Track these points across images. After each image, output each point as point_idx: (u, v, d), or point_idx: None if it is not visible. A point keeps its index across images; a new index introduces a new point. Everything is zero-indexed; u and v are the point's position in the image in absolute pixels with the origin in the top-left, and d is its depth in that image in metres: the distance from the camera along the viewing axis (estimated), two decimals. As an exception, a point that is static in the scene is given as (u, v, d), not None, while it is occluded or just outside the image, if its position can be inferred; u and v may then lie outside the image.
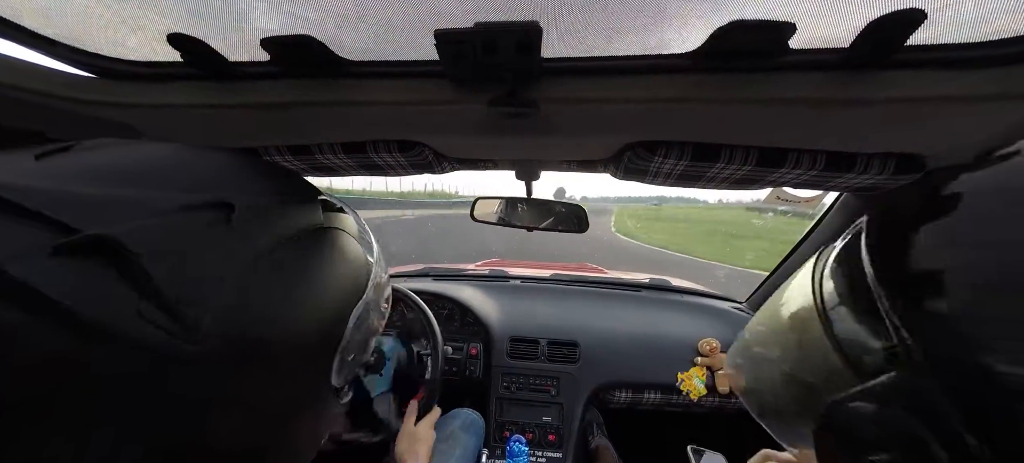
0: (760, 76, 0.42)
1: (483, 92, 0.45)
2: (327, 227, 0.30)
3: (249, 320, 0.22)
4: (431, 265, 1.79)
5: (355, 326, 0.31)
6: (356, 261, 0.33)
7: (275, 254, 0.25)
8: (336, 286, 0.30)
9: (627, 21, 0.39)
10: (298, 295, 0.26)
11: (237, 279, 0.22)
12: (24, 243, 0.17)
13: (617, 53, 0.43)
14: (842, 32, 0.37)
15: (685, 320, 1.31)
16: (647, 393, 1.17)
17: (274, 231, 0.25)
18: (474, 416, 1.05)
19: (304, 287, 0.26)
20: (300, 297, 0.26)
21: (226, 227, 0.22)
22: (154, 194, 0.21)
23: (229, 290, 0.21)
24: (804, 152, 0.52)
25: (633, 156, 0.58)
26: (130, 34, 0.45)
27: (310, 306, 0.27)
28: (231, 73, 0.49)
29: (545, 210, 1.12)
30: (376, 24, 0.41)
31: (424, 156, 0.63)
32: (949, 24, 0.36)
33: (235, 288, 0.22)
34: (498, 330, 1.26)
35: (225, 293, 0.21)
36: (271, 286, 0.24)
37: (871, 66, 0.39)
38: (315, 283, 0.27)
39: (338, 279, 0.30)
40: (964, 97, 0.38)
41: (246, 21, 0.41)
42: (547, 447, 1.09)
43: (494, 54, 0.39)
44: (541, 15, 0.36)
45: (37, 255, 0.17)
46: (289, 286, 0.25)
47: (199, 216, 0.22)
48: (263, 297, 0.23)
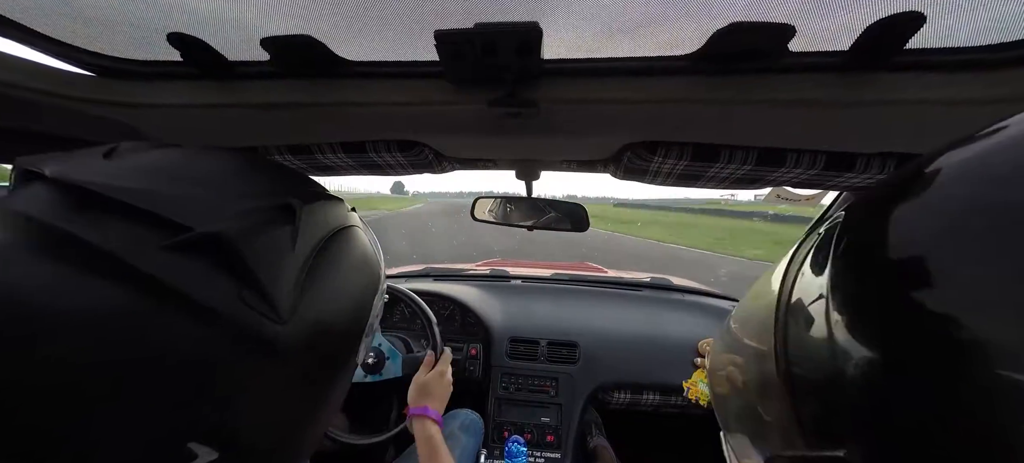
0: (760, 78, 0.42)
1: (483, 92, 0.45)
2: (352, 224, 0.34)
3: (316, 304, 0.26)
4: (431, 265, 1.79)
5: (375, 312, 0.35)
6: (373, 253, 0.37)
7: (325, 248, 0.28)
8: (364, 275, 0.33)
9: (627, 22, 0.39)
10: (342, 283, 0.30)
11: (303, 270, 0.25)
12: (135, 236, 0.20)
13: (617, 54, 0.43)
14: (841, 35, 0.37)
15: (686, 320, 1.32)
16: (646, 394, 1.17)
17: (323, 228, 0.29)
18: (473, 416, 1.05)
19: (345, 276, 0.30)
20: (343, 284, 0.30)
21: (292, 225, 0.26)
22: (228, 197, 0.24)
23: (300, 280, 0.25)
24: (804, 153, 0.53)
25: (633, 156, 0.58)
26: (130, 33, 0.46)
27: (350, 293, 0.31)
28: (231, 73, 0.49)
29: (545, 209, 1.12)
30: (376, 24, 0.41)
31: (424, 156, 0.64)
32: (948, 27, 0.36)
33: (304, 278, 0.25)
34: (498, 330, 1.26)
35: (297, 282, 0.24)
36: (326, 275, 0.28)
37: (870, 69, 0.39)
38: (352, 273, 0.31)
39: (365, 268, 0.34)
40: (963, 100, 0.38)
41: (246, 21, 0.41)
42: (545, 447, 1.10)
43: (494, 55, 0.39)
44: (541, 16, 0.37)
45: (151, 248, 0.19)
46: (336, 275, 0.29)
47: (272, 216, 0.25)
48: (321, 285, 0.27)
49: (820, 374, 0.19)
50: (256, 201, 0.25)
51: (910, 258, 0.16)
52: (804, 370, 0.21)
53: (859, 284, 0.18)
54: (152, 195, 0.21)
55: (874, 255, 0.18)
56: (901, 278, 0.16)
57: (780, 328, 0.23)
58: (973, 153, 0.16)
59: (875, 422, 0.16)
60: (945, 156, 0.17)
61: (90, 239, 0.18)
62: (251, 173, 0.27)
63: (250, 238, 0.23)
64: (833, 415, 0.18)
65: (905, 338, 0.15)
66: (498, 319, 1.30)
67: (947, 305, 0.14)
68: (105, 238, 0.19)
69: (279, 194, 0.26)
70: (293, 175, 0.31)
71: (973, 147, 0.17)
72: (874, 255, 0.18)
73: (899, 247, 0.17)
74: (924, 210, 0.17)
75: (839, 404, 0.18)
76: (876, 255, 0.18)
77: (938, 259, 0.15)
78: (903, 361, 0.15)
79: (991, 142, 0.16)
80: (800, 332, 0.21)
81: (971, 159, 0.16)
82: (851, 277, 0.19)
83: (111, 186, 0.20)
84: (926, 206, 0.17)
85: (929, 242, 0.15)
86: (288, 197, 0.26)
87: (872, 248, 0.18)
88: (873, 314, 0.17)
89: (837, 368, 0.18)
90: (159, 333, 0.19)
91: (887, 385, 0.15)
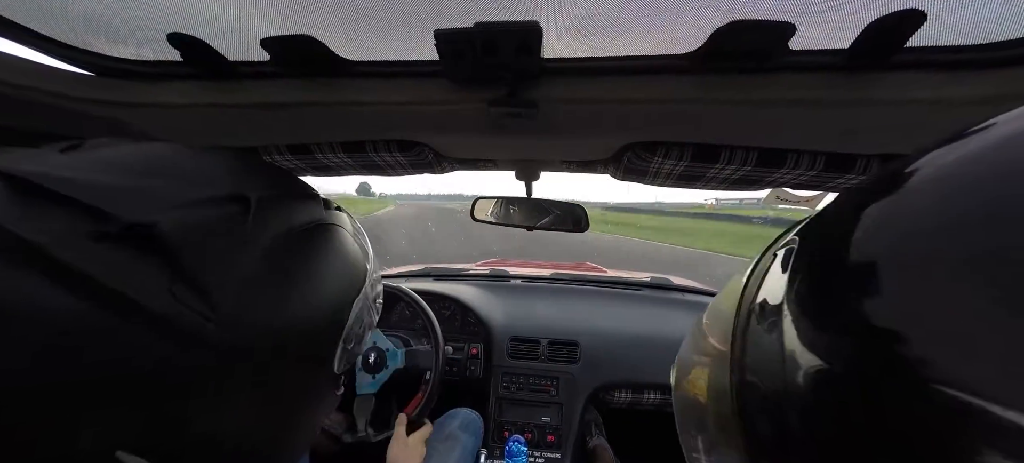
0: (760, 77, 0.42)
1: (483, 92, 0.45)
2: (329, 223, 0.32)
3: (265, 304, 0.24)
4: (432, 265, 1.79)
5: (356, 318, 0.33)
6: (355, 255, 0.35)
7: (286, 245, 0.26)
8: (340, 277, 0.31)
9: (627, 21, 0.39)
10: (306, 284, 0.27)
11: (254, 266, 0.24)
12: (66, 227, 0.19)
13: (617, 53, 0.43)
14: (842, 33, 0.37)
15: (686, 319, 1.31)
16: (647, 393, 1.17)
17: (284, 223, 0.27)
18: (473, 416, 1.05)
19: (312, 276, 0.28)
20: (308, 286, 0.27)
21: (243, 218, 0.24)
22: (177, 187, 0.23)
23: (248, 276, 0.23)
24: (804, 153, 0.53)
25: (633, 156, 0.58)
26: (130, 33, 0.46)
27: (317, 295, 0.28)
28: (231, 73, 0.49)
29: (545, 210, 1.12)
30: (376, 24, 0.41)
31: (424, 156, 0.64)
32: (949, 26, 0.36)
33: (253, 275, 0.23)
34: (498, 330, 1.26)
35: (244, 279, 0.23)
36: (283, 274, 0.26)
37: (871, 67, 0.39)
38: (321, 273, 0.29)
39: (341, 271, 0.32)
40: (964, 99, 0.38)
41: (246, 20, 0.41)
42: (546, 447, 1.10)
43: (494, 54, 0.39)
44: (541, 15, 0.36)
45: (78, 238, 0.18)
46: (299, 275, 0.27)
47: (220, 209, 0.23)
48: (276, 284, 0.25)
49: (770, 385, 0.18)
50: (205, 192, 0.23)
51: (860, 266, 0.15)
52: (756, 378, 0.19)
53: (812, 291, 0.17)
54: (91, 186, 0.20)
55: (828, 261, 0.17)
56: (850, 287, 0.15)
57: (739, 333, 0.22)
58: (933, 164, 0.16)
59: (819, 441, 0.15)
60: (914, 162, 0.16)
61: (17, 230, 0.18)
62: (212, 165, 0.26)
63: (189, 230, 0.21)
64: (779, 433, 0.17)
65: (850, 351, 0.14)
66: (499, 319, 1.30)
67: (893, 319, 0.13)
68: (33, 228, 0.18)
69: (235, 186, 0.25)
70: (265, 170, 0.30)
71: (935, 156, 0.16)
72: (828, 261, 0.17)
73: (852, 254, 0.16)
74: (878, 220, 0.16)
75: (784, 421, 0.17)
76: (829, 261, 0.17)
77: (888, 271, 0.14)
78: (846, 374, 0.14)
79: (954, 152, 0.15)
80: (756, 338, 0.20)
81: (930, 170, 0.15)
82: (806, 283, 0.18)
83: (50, 177, 0.19)
84: (880, 217, 0.16)
85: (881, 253, 0.15)
86: (243, 189, 0.25)
87: (827, 254, 0.18)
88: (822, 323, 0.16)
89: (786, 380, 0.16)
90: (80, 328, 0.18)
91: (829, 399, 0.14)
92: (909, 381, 0.12)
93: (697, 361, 0.28)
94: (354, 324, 0.33)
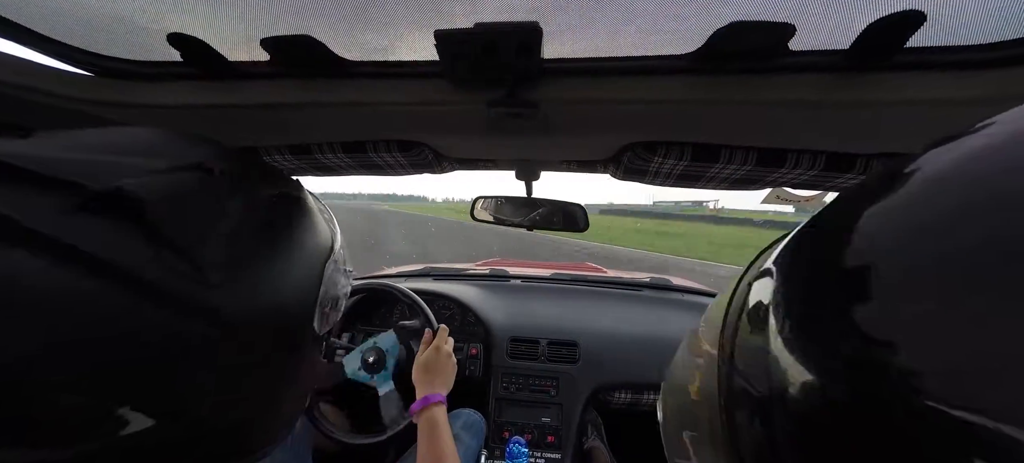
0: (760, 77, 0.42)
1: (483, 92, 0.45)
2: (295, 193, 0.34)
3: (249, 265, 0.25)
4: (431, 265, 1.79)
5: (330, 279, 0.35)
6: (322, 223, 0.37)
7: (260, 209, 0.28)
8: (312, 241, 0.33)
9: (627, 22, 0.39)
10: (283, 246, 0.29)
11: (233, 228, 0.25)
12: (45, 202, 0.19)
13: (617, 54, 0.43)
14: (842, 34, 0.37)
15: (686, 319, 1.31)
16: (647, 394, 1.17)
17: (255, 190, 0.28)
18: (475, 416, 1.05)
19: (286, 240, 0.30)
20: (284, 247, 0.29)
21: (215, 182, 0.25)
22: (144, 160, 0.23)
23: (229, 238, 0.24)
24: (804, 153, 0.53)
25: (633, 156, 0.58)
26: (129, 34, 0.45)
27: (293, 256, 0.30)
28: (231, 73, 0.49)
29: (545, 209, 1.12)
30: (376, 24, 0.41)
31: (424, 156, 0.64)
32: (949, 26, 0.36)
33: (233, 236, 0.24)
34: (498, 330, 1.26)
35: (226, 241, 0.24)
36: (261, 236, 0.27)
37: (870, 68, 0.39)
38: (295, 237, 0.31)
39: (312, 235, 0.33)
40: (964, 99, 0.38)
41: (246, 21, 0.41)
42: (546, 448, 1.10)
43: (494, 55, 0.39)
44: (541, 15, 0.36)
45: (59, 212, 0.19)
46: (275, 238, 0.28)
47: (190, 174, 0.24)
48: (255, 246, 0.26)
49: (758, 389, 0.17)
50: (174, 162, 0.24)
51: (852, 271, 0.14)
52: (744, 382, 0.19)
53: (802, 295, 0.17)
54: (59, 161, 0.21)
55: (819, 263, 0.17)
56: (841, 292, 0.14)
57: (729, 335, 0.21)
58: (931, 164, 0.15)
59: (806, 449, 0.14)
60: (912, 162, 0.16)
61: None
62: (174, 142, 0.27)
63: (163, 194, 0.22)
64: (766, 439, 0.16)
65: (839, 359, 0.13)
66: (498, 319, 1.30)
67: (883, 325, 0.12)
68: (6, 203, 0.18)
69: (202, 156, 0.25)
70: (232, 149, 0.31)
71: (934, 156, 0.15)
72: (819, 263, 0.17)
73: (845, 258, 0.15)
74: (871, 222, 0.15)
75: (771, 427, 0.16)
76: (821, 262, 0.16)
77: (880, 276, 0.13)
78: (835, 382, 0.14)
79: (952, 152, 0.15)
80: (745, 341, 0.20)
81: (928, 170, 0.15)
82: (797, 286, 0.17)
83: (19, 155, 0.20)
84: (873, 218, 0.15)
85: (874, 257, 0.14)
86: (210, 161, 0.26)
87: (818, 256, 0.17)
88: (811, 328, 0.15)
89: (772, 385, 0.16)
90: (66, 295, 0.18)
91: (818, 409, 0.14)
92: (899, 389, 0.11)
93: (689, 363, 0.28)
94: (329, 286, 0.34)
